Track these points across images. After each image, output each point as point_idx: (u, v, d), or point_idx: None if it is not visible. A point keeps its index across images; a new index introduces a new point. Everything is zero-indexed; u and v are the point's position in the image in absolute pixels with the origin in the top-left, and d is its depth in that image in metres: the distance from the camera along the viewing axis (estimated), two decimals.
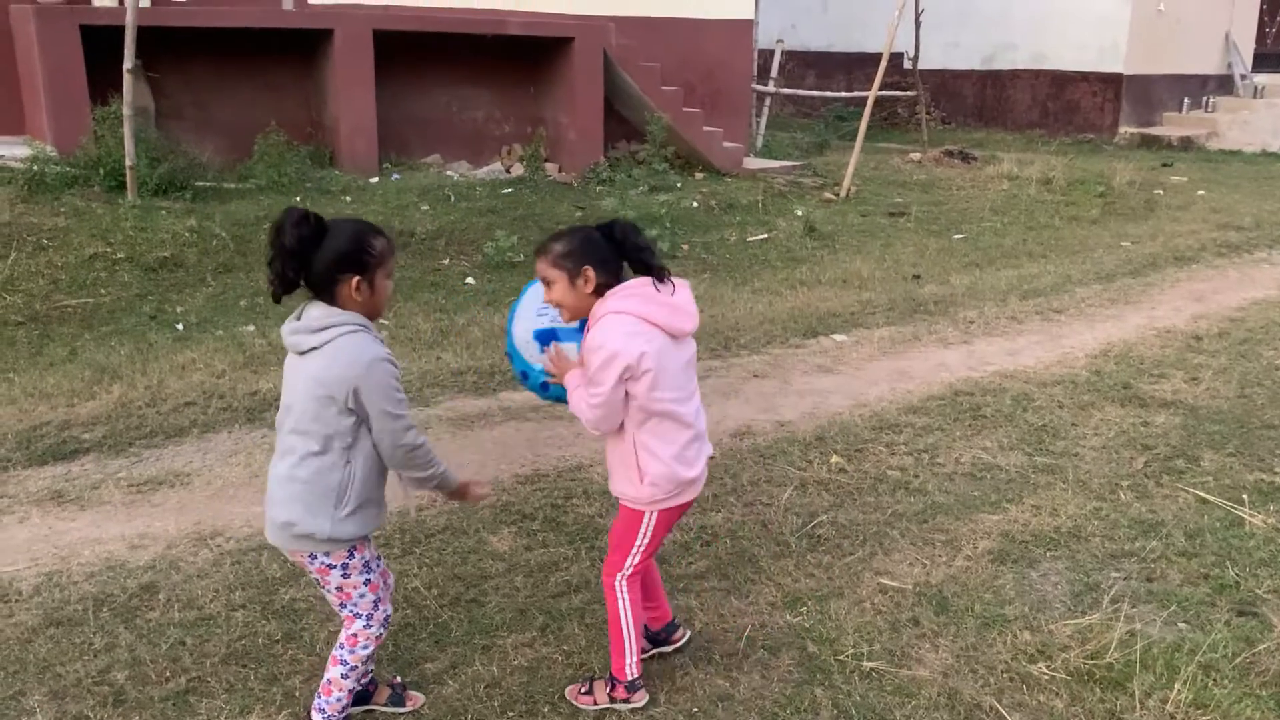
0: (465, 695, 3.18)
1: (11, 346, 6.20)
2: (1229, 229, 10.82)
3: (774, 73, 15.55)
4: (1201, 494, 4.59)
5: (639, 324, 2.86)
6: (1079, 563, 4.02)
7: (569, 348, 3.09)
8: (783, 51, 15.72)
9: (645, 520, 3.04)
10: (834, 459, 4.93)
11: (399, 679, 3.24)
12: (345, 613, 2.89)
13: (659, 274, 2.91)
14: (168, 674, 3.26)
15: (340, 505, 2.72)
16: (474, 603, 3.72)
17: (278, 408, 2.85)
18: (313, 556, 2.79)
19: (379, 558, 3.07)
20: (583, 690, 3.18)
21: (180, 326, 6.74)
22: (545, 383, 3.15)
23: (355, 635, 2.88)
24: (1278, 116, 17.74)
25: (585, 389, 2.92)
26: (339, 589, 2.85)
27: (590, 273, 2.88)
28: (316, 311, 2.71)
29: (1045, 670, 3.30)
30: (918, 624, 3.59)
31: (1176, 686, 3.16)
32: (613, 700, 3.13)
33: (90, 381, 5.69)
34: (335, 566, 2.80)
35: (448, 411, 5.53)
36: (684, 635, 3.42)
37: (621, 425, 2.96)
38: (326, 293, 2.71)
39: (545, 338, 3.12)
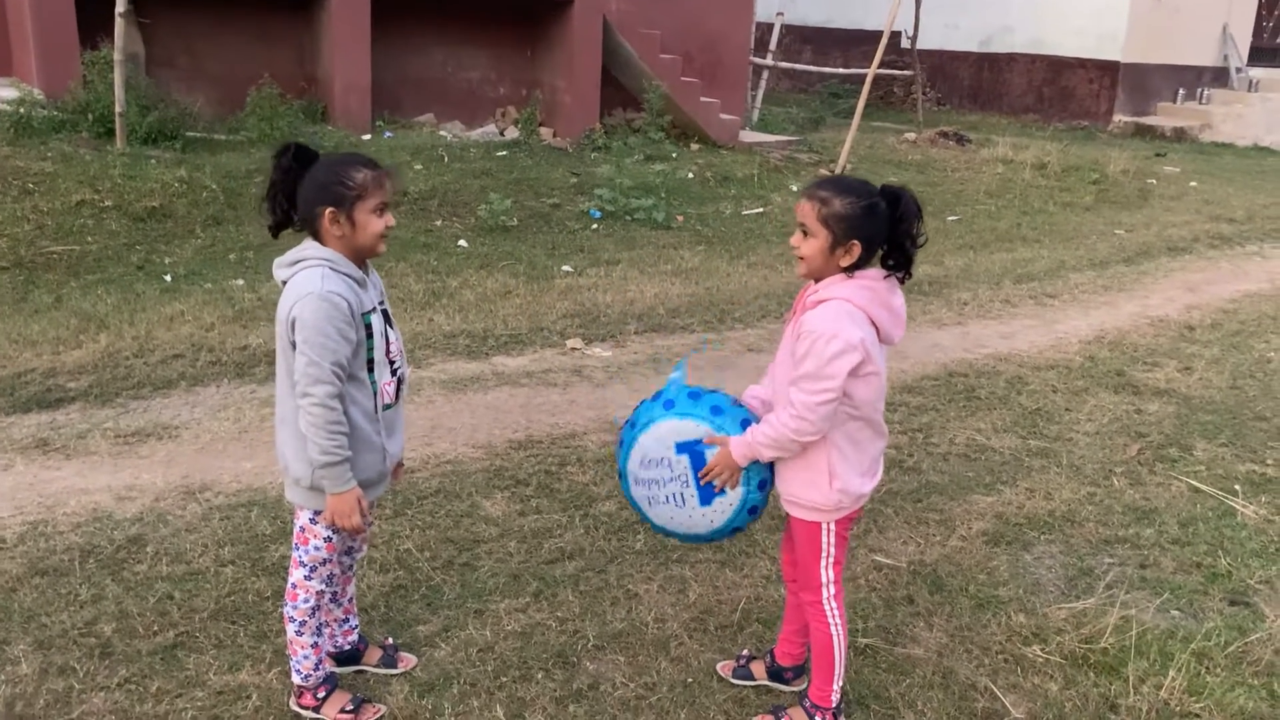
0: (458, 659, 3.15)
1: None
2: (1221, 221, 10.84)
3: (773, 46, 15.42)
4: (1194, 483, 4.59)
5: (865, 319, 2.59)
6: (1072, 547, 4.02)
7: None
8: (781, 25, 15.58)
9: (825, 531, 2.77)
10: None
11: (390, 640, 3.20)
12: (293, 556, 2.81)
13: (907, 271, 2.65)
14: (155, 628, 3.21)
15: None
16: (466, 566, 3.68)
17: (266, 363, 2.79)
18: (299, 504, 2.77)
19: (369, 521, 2.99)
20: None
21: (168, 278, 6.64)
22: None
23: (294, 587, 2.81)
24: (1271, 111, 17.76)
25: (809, 383, 2.56)
26: (301, 530, 2.78)
27: (856, 250, 2.57)
28: (297, 248, 2.65)
29: (1040, 653, 3.30)
30: (912, 602, 3.58)
31: (1171, 673, 3.16)
32: None
33: (76, 330, 5.60)
34: (306, 508, 2.75)
35: (439, 374, 5.48)
36: (804, 685, 3.06)
37: None
38: (310, 228, 2.63)
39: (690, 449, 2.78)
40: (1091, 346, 6.49)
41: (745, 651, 3.23)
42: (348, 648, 3.11)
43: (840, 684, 2.89)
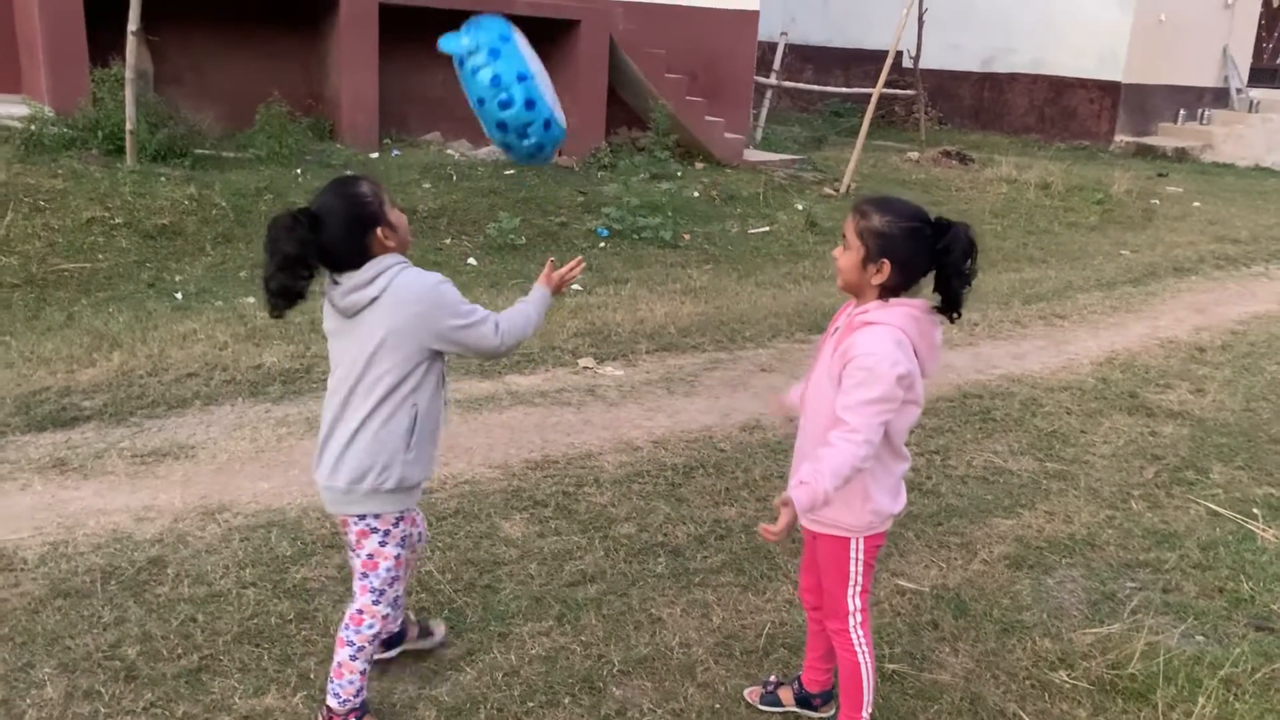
0: (484, 684, 3.13)
1: (8, 309, 6.08)
2: (1226, 241, 10.87)
3: (776, 65, 15.49)
4: (1213, 506, 4.59)
5: (911, 349, 2.57)
6: (1094, 571, 4.01)
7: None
8: (784, 45, 15.65)
9: (853, 550, 2.75)
10: None
11: (413, 616, 3.31)
12: (361, 583, 2.82)
13: (954, 309, 2.61)
14: (179, 651, 3.19)
15: (409, 449, 2.71)
16: (488, 589, 3.67)
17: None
18: (360, 518, 2.76)
19: (421, 537, 3.15)
20: None
21: (179, 295, 6.64)
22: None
23: (361, 612, 2.81)
24: (1272, 131, 17.86)
25: (871, 407, 2.49)
26: (370, 556, 2.80)
27: (886, 269, 2.55)
28: (355, 272, 2.65)
29: (1067, 679, 3.29)
30: (937, 627, 3.57)
31: (1200, 700, 3.14)
32: None
33: (89, 348, 5.58)
34: (377, 531, 2.78)
35: (454, 393, 5.46)
36: (831, 711, 3.09)
37: None
38: (358, 259, 2.64)
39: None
40: (1103, 368, 6.50)
41: (772, 678, 3.21)
42: (395, 629, 3.11)
43: (870, 710, 2.87)
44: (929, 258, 2.57)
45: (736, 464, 4.79)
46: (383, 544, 2.79)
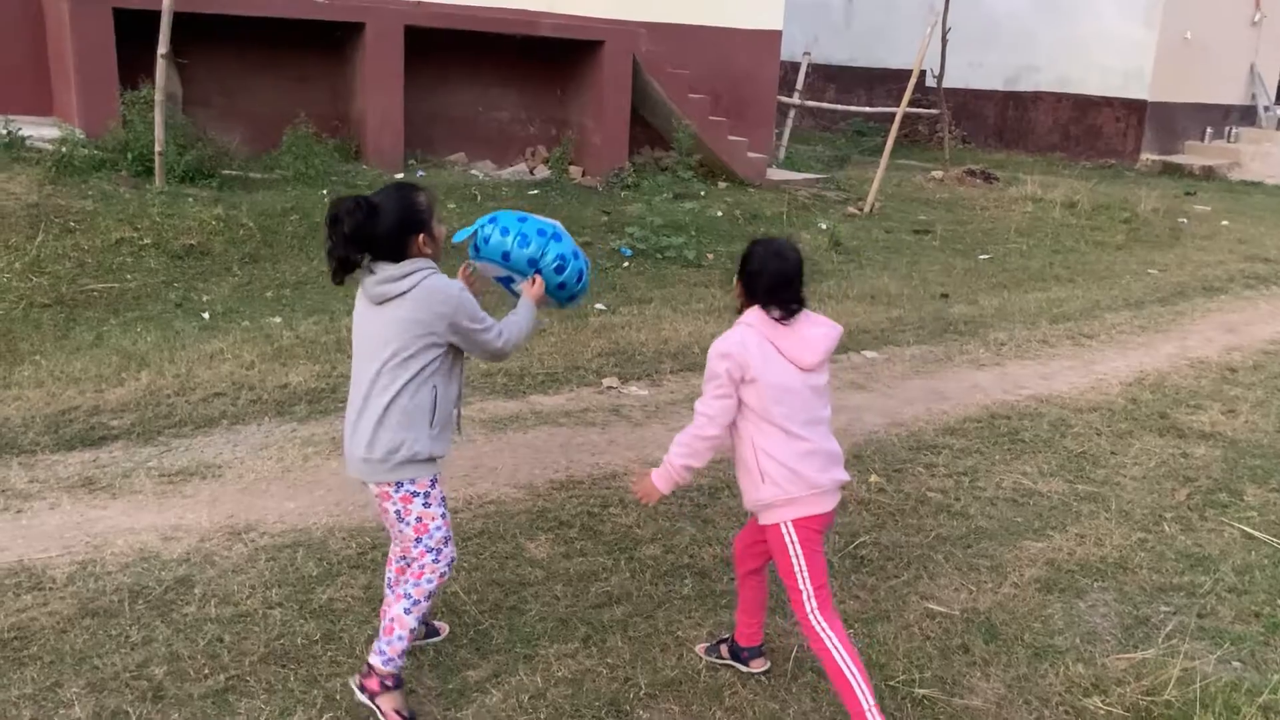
0: (510, 706, 3.11)
1: (38, 329, 6.14)
2: (1256, 260, 10.77)
3: (799, 85, 15.50)
4: (1248, 529, 4.52)
5: (752, 339, 3.03)
6: (1127, 595, 3.95)
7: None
8: (807, 65, 15.67)
9: (785, 531, 3.02)
10: (873, 478, 4.86)
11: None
12: (418, 548, 3.04)
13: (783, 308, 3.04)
14: (206, 671, 3.19)
15: (432, 425, 2.99)
16: (514, 610, 3.65)
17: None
18: (399, 485, 2.99)
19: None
20: None
21: (206, 315, 6.68)
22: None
23: (423, 568, 3.04)
24: None
25: (704, 389, 3.08)
26: (419, 520, 3.02)
27: (737, 289, 3.11)
28: (392, 265, 2.95)
29: (1101, 705, 3.24)
30: (968, 651, 3.52)
31: None
32: None
33: (118, 368, 5.62)
34: (418, 495, 3.01)
35: (479, 413, 5.46)
36: (764, 666, 3.38)
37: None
38: (397, 255, 2.95)
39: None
40: (1133, 388, 6.43)
41: (725, 636, 3.46)
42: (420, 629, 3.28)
43: (871, 702, 2.88)
44: (773, 281, 3.03)
45: None
46: (426, 505, 3.03)
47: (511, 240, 3.36)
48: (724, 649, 3.42)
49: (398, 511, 3.03)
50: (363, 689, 3.01)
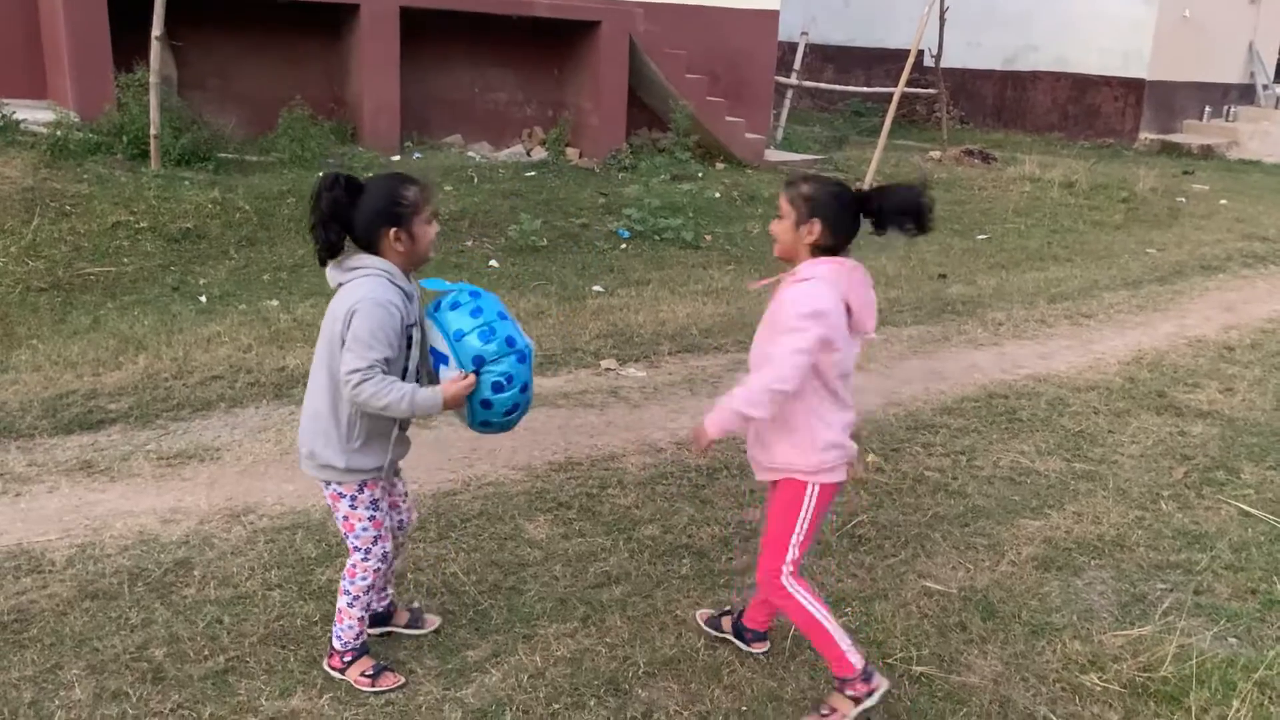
0: (509, 685, 3.13)
1: (35, 313, 6.13)
2: (1254, 239, 10.76)
3: (797, 65, 15.44)
4: (1245, 507, 4.53)
5: (836, 296, 2.81)
6: (1124, 572, 3.97)
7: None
8: (805, 45, 15.60)
9: (809, 492, 2.94)
10: (870, 458, 4.86)
11: (417, 603, 3.42)
12: (348, 543, 3.03)
13: (922, 227, 2.83)
14: (206, 652, 3.20)
15: (352, 439, 2.86)
16: (513, 590, 3.66)
17: (304, 384, 2.96)
18: (327, 483, 2.96)
19: (406, 505, 3.24)
20: (824, 714, 2.98)
21: (204, 299, 6.67)
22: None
23: (354, 566, 3.03)
24: None
25: (786, 344, 2.75)
26: (345, 519, 3.00)
27: (817, 228, 2.81)
28: (356, 255, 2.86)
29: (1098, 681, 3.25)
30: (965, 629, 3.53)
31: (1235, 704, 3.10)
32: (858, 702, 2.94)
33: (115, 351, 5.62)
34: (345, 497, 2.96)
35: None
36: (765, 648, 3.35)
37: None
38: (372, 247, 2.84)
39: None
40: (1130, 367, 6.43)
41: (728, 606, 3.48)
42: (380, 610, 3.31)
43: (850, 646, 2.95)
44: (854, 219, 2.83)
45: None
46: (352, 507, 2.97)
47: (475, 326, 2.85)
48: (726, 622, 3.40)
49: (328, 507, 3.01)
50: (331, 667, 3.11)
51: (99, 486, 4.26)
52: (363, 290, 2.76)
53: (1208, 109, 18.57)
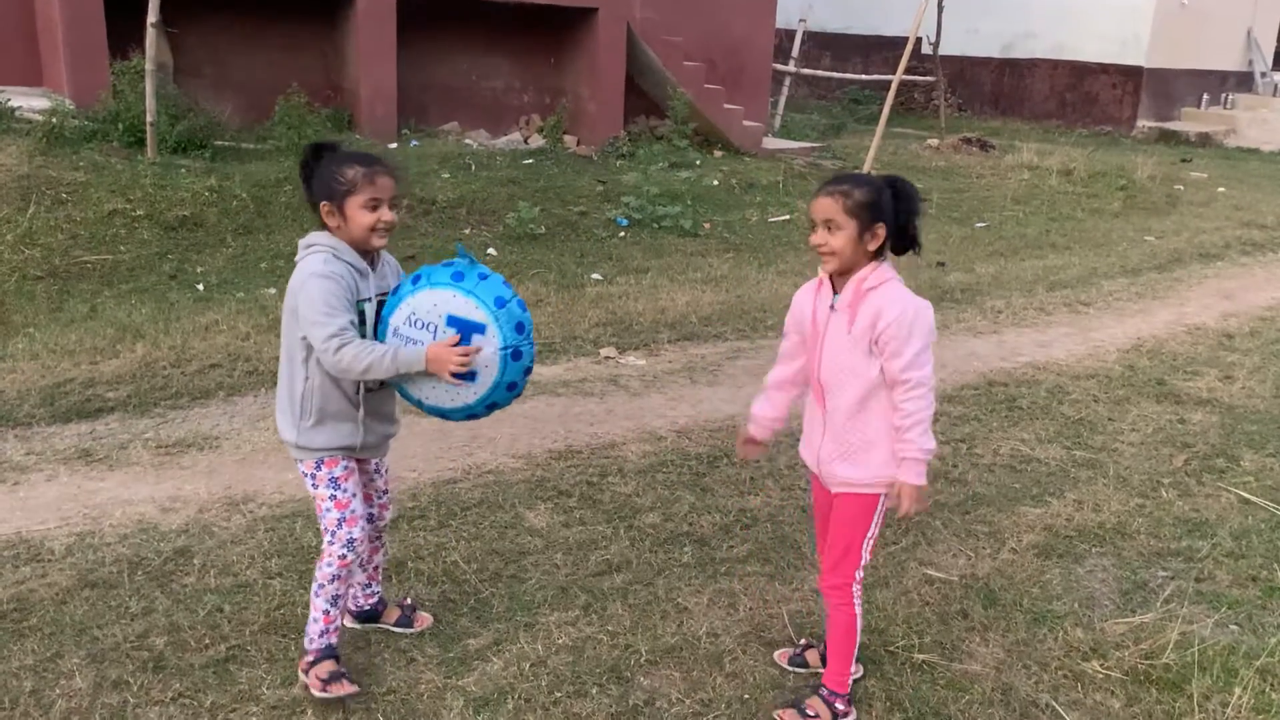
0: (511, 674, 3.12)
1: (31, 301, 6.11)
2: (1252, 227, 10.75)
3: (794, 53, 15.39)
4: (1245, 495, 4.53)
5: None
6: (1125, 560, 3.97)
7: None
8: (803, 32, 15.55)
9: (882, 500, 2.86)
10: None
11: (409, 600, 3.34)
12: (320, 525, 2.98)
13: (917, 246, 2.78)
14: (207, 641, 3.19)
15: (304, 416, 2.84)
16: (514, 579, 3.65)
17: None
18: (296, 460, 2.95)
19: (381, 500, 3.16)
20: (811, 715, 2.94)
21: (201, 287, 6.65)
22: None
23: (322, 550, 2.96)
24: None
25: (923, 358, 2.66)
26: (314, 499, 2.96)
27: (883, 231, 2.70)
28: (311, 232, 2.86)
29: (1100, 669, 3.25)
30: (966, 617, 3.53)
31: (1236, 691, 3.10)
32: (835, 717, 2.93)
33: (112, 339, 5.60)
34: (306, 475, 2.94)
35: None
36: (859, 673, 3.20)
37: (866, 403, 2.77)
38: (318, 217, 2.82)
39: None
40: (1130, 355, 6.43)
41: (803, 640, 3.30)
42: (368, 608, 3.27)
43: (854, 669, 2.96)
44: (894, 212, 2.74)
45: (761, 453, 4.74)
46: (314, 486, 2.93)
47: (514, 294, 2.82)
48: (813, 656, 3.21)
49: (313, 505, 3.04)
50: (300, 669, 3.00)
51: (97, 475, 4.24)
52: (307, 268, 2.75)
53: (1205, 96, 18.55)
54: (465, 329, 2.74)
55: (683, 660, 3.23)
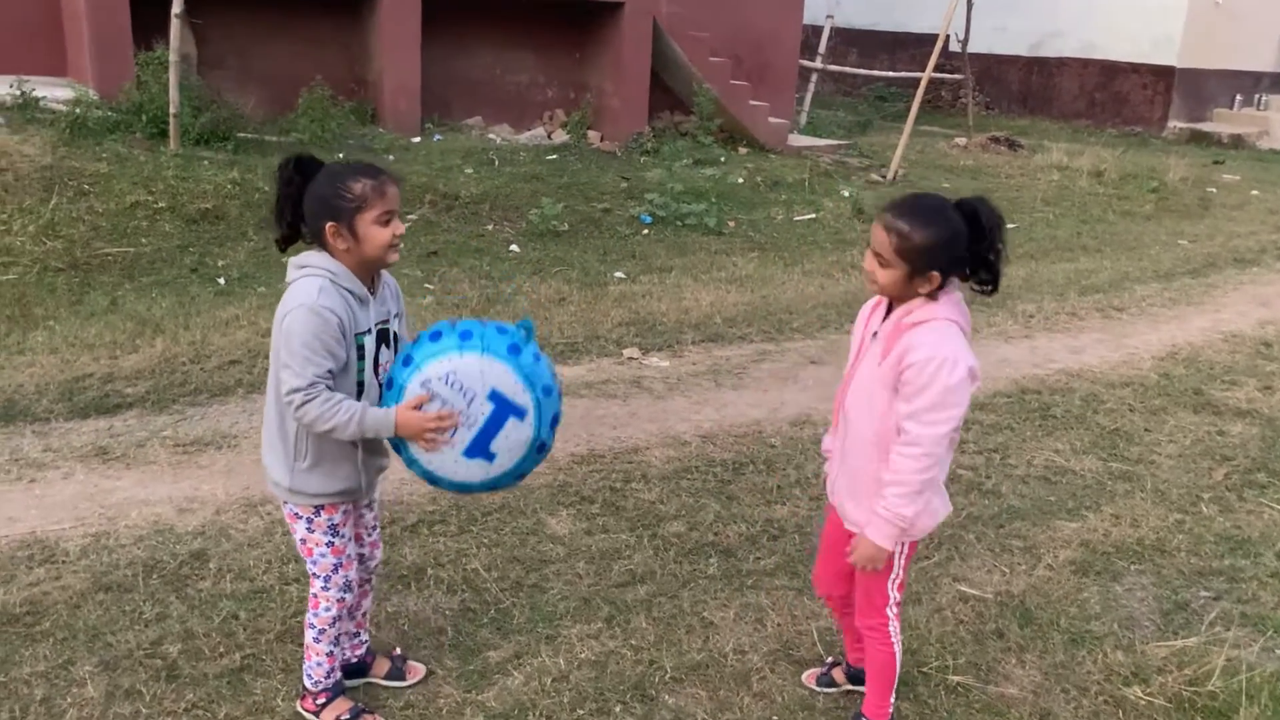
0: (532, 689, 3.03)
1: (52, 293, 6.06)
2: None
3: (822, 49, 15.23)
4: None
5: (965, 336, 2.50)
6: (1165, 579, 3.84)
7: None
8: (830, 28, 15.38)
9: (899, 551, 2.68)
10: None
11: (399, 650, 3.13)
12: (308, 569, 2.78)
13: (996, 285, 2.51)
14: (221, 649, 3.11)
15: (299, 457, 2.61)
16: (535, 588, 3.56)
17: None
18: (284, 501, 2.73)
19: (371, 538, 2.94)
20: None
21: (222, 281, 6.59)
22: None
23: (315, 596, 2.77)
24: None
25: (933, 414, 2.42)
26: (302, 542, 2.75)
27: (936, 279, 2.46)
28: (305, 253, 2.58)
29: (1142, 695, 3.13)
30: (1002, 637, 3.42)
31: None
32: None
33: (132, 334, 5.54)
34: (300, 518, 2.71)
35: None
36: None
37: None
38: (318, 241, 2.55)
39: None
40: (1165, 363, 6.28)
41: (829, 659, 3.19)
42: (355, 660, 3.03)
43: (893, 696, 2.85)
44: (967, 248, 2.47)
45: (788, 460, 4.65)
46: (310, 530, 2.71)
47: (557, 385, 2.65)
48: (838, 674, 3.10)
49: (288, 526, 2.79)
50: (304, 709, 2.85)
51: (114, 473, 4.18)
52: (298, 295, 2.48)
53: (1238, 98, 18.26)
54: (503, 409, 2.53)
55: (709, 678, 3.13)
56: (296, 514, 2.71)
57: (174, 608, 3.30)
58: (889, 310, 2.61)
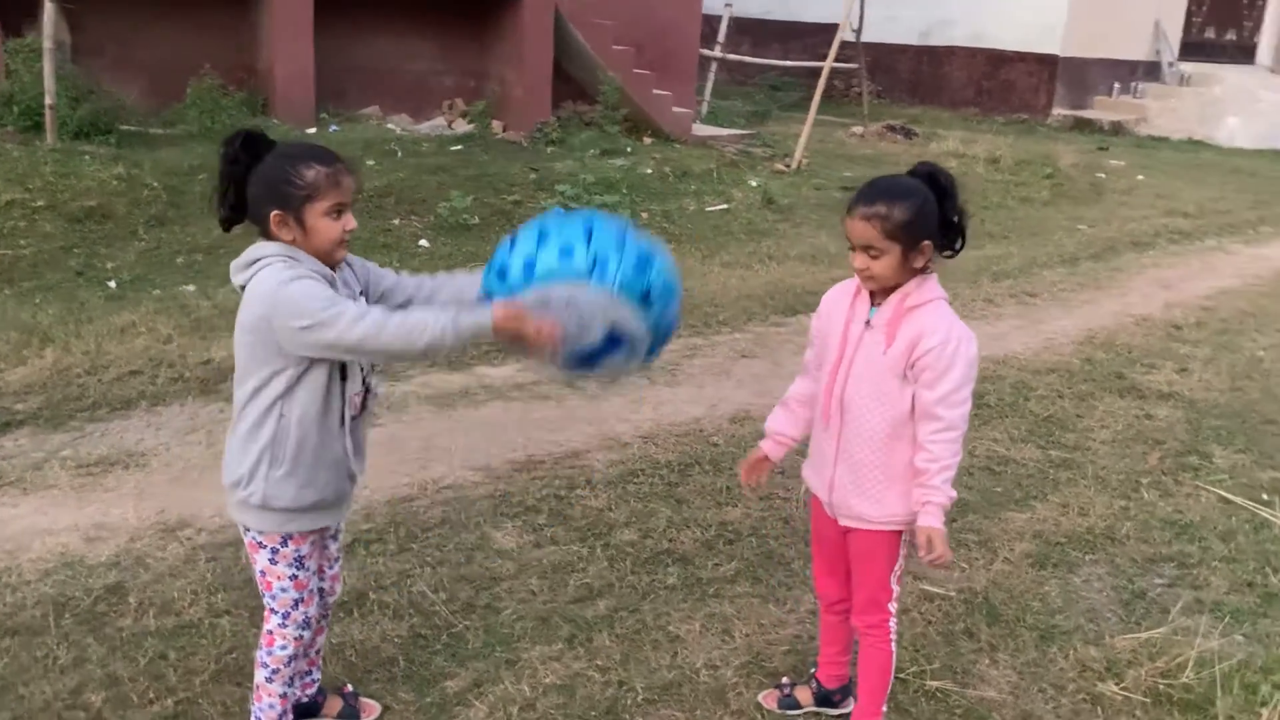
0: (497, 719, 2.83)
1: None
2: (1176, 215, 10.89)
3: (721, 38, 15.19)
4: (1224, 494, 4.46)
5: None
6: (1119, 568, 3.84)
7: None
8: (729, 17, 15.36)
9: (905, 535, 2.64)
10: None
11: (349, 686, 2.89)
12: (265, 603, 2.56)
13: (964, 243, 2.55)
14: (151, 694, 2.83)
15: (275, 463, 2.38)
16: (488, 609, 3.36)
17: (234, 378, 2.45)
18: (246, 529, 2.49)
19: (333, 570, 2.70)
20: None
21: (113, 284, 6.15)
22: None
23: (271, 633, 2.55)
24: (1203, 104, 18.05)
25: (959, 393, 2.46)
26: (263, 574, 2.52)
27: (929, 248, 2.47)
28: (253, 245, 2.38)
29: (1117, 690, 3.10)
30: (973, 636, 3.35)
31: (1264, 712, 2.97)
32: None
33: (18, 344, 5.11)
34: (264, 547, 2.48)
35: (422, 387, 5.12)
36: (849, 707, 2.92)
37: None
38: (261, 229, 2.36)
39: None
40: (1085, 348, 6.37)
41: (785, 679, 3.03)
42: (306, 700, 2.78)
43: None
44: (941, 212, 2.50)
45: (733, 459, 4.52)
46: (272, 562, 2.49)
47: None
48: (803, 694, 2.95)
49: (247, 556, 2.56)
50: None
51: (10, 500, 3.81)
52: (270, 281, 2.27)
53: (1116, 86, 18.89)
54: (617, 343, 2.38)
55: (683, 698, 2.98)
56: (260, 543, 2.48)
57: (92, 650, 2.99)
58: (873, 298, 2.57)
